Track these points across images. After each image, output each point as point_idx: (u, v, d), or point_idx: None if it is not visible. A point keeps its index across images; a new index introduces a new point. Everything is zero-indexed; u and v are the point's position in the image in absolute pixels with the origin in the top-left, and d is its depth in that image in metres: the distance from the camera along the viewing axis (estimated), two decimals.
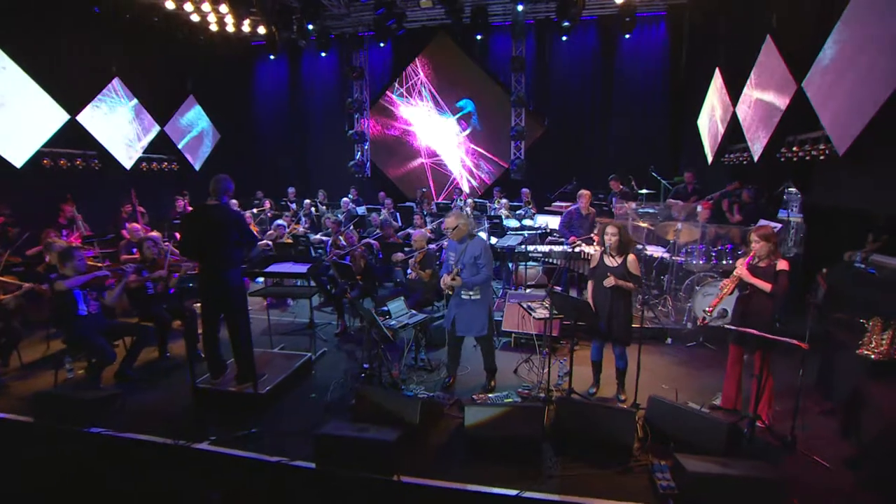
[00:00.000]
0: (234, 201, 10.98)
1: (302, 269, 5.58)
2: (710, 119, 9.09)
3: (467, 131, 12.19)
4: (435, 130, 12.49)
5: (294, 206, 11.30)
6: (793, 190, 6.76)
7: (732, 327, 4.03)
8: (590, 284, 4.72)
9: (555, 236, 7.79)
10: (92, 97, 9.07)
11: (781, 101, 6.62)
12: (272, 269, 5.89)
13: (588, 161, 11.15)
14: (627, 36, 10.32)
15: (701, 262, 6.33)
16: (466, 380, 5.16)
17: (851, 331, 4.49)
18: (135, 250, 6.60)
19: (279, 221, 8.68)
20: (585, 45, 11.21)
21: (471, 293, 4.66)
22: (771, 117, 6.85)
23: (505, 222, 8.64)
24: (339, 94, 12.50)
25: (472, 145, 12.34)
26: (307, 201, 11.11)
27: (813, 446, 3.78)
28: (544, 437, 3.88)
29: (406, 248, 6.85)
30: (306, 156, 13.16)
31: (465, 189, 11.99)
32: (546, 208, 9.45)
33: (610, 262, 4.53)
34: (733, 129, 8.01)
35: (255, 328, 6.36)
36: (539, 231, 8.42)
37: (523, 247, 6.98)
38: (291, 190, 11.68)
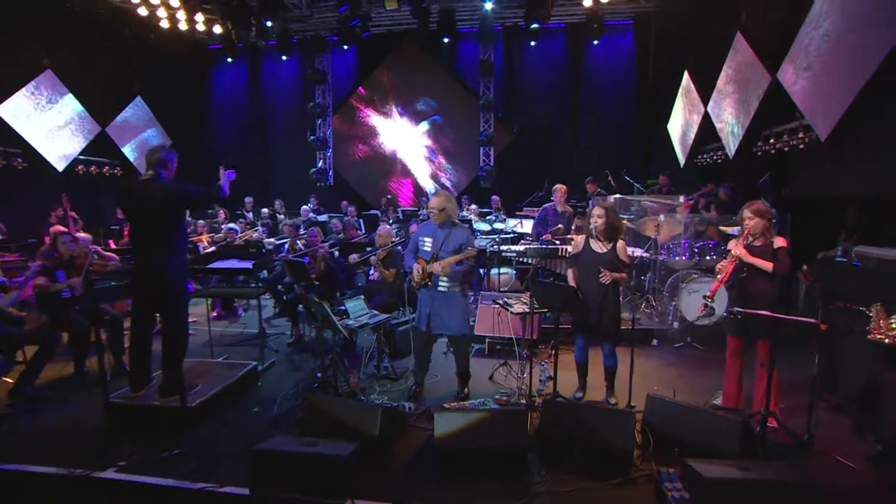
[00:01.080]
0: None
1: (247, 264, 4.88)
2: (681, 122, 8.98)
3: (423, 126, 11.78)
4: (401, 137, 12.05)
5: (251, 215, 10.55)
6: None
7: (738, 309, 3.54)
8: (570, 272, 4.24)
9: (528, 239, 7.35)
10: (16, 89, 8.18)
11: (756, 96, 6.46)
12: (216, 265, 5.16)
13: (559, 167, 10.86)
14: (596, 42, 10.26)
15: (684, 258, 5.98)
16: (436, 388, 4.55)
17: (852, 320, 4.14)
18: (55, 253, 5.75)
19: (231, 225, 7.93)
20: (554, 52, 11.11)
21: (449, 285, 4.11)
22: (745, 113, 6.69)
23: (475, 225, 8.18)
24: (301, 101, 11.94)
25: (440, 153, 11.94)
26: (265, 210, 10.39)
27: (831, 445, 3.34)
28: (529, 447, 3.30)
29: (368, 248, 6.24)
30: (266, 164, 12.43)
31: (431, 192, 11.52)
32: (517, 213, 9.05)
33: (597, 247, 4.07)
34: (706, 130, 7.86)
35: (198, 340, 5.62)
36: (511, 235, 7.97)
37: (495, 247, 6.50)
38: (248, 199, 10.93)
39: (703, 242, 6.06)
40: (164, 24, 9.40)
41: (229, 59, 11.09)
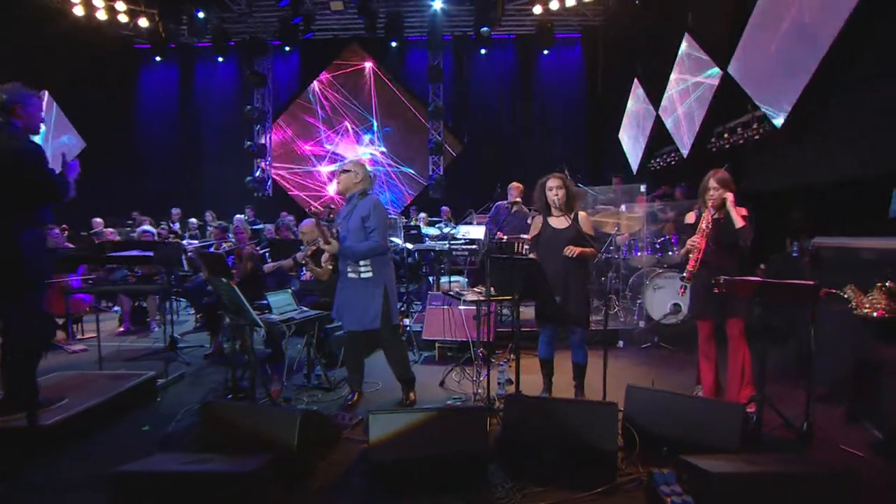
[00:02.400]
0: (98, 219, 9.14)
1: (149, 253, 4.04)
2: (632, 129, 8.94)
3: (370, 135, 11.25)
4: (347, 146, 11.43)
5: (177, 226, 9.52)
6: None
7: (725, 278, 3.04)
8: (531, 258, 3.72)
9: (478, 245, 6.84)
10: None
11: (707, 93, 6.41)
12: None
13: (510, 177, 10.59)
14: (546, 52, 10.23)
15: (646, 253, 5.63)
16: (377, 398, 3.84)
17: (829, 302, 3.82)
18: None
19: (146, 227, 6.93)
20: (504, 62, 11.01)
21: (359, 269, 3.42)
22: (697, 110, 6.62)
23: (424, 230, 7.61)
24: (239, 106, 11.13)
25: (387, 162, 11.40)
26: (193, 220, 9.40)
27: (829, 435, 2.90)
28: (489, 455, 2.64)
29: (301, 247, 5.49)
30: (198, 172, 11.43)
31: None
32: (468, 220, 8.57)
33: (558, 223, 3.58)
34: (658, 133, 7.79)
35: (91, 356, 4.64)
36: (462, 241, 7.43)
37: (445, 244, 5.95)
38: (176, 211, 9.91)
39: (663, 238, 5.77)
40: (79, 10, 8.44)
41: (158, 59, 10.20)
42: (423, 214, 9.04)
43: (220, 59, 10.61)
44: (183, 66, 11.36)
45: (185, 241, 8.17)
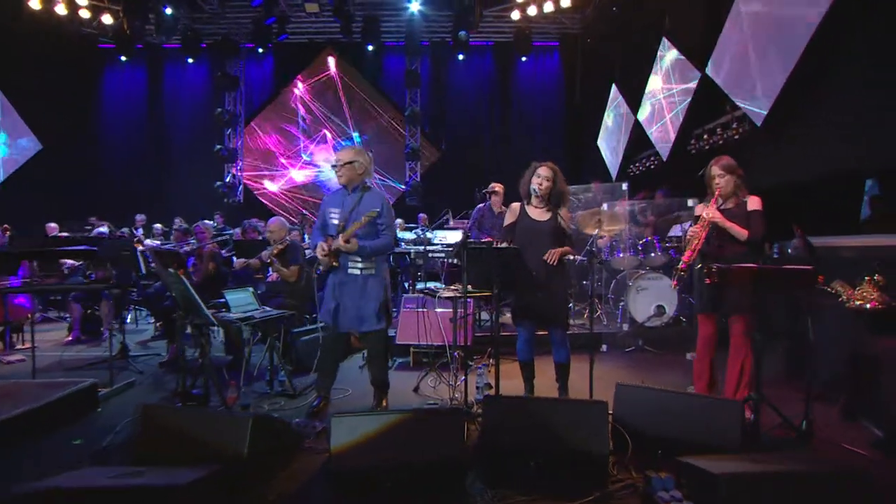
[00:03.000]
0: (52, 224, 8.61)
1: (93, 248, 3.68)
2: (611, 135, 8.91)
3: (346, 142, 10.96)
4: (321, 152, 11.13)
5: (140, 232, 9.02)
6: None
7: (719, 266, 2.84)
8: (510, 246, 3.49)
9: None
10: None
11: (685, 94, 6.38)
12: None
13: (488, 184, 10.47)
14: (524, 59, 10.20)
15: (629, 255, 5.48)
16: (346, 405, 3.55)
17: (819, 298, 3.69)
18: None
19: (101, 230, 6.49)
20: (482, 70, 10.94)
21: (363, 265, 3.20)
22: (676, 113, 6.58)
23: (399, 235, 7.34)
24: (209, 109, 10.73)
25: None
26: (158, 226, 8.94)
27: (828, 434, 2.73)
28: (467, 462, 2.37)
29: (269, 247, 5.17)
30: (165, 177, 10.96)
31: None
32: (444, 219, 8.34)
33: (537, 215, 3.36)
34: (637, 138, 7.75)
35: (28, 366, 4.18)
36: (440, 246, 7.18)
37: (421, 247, 5.70)
38: (140, 217, 9.41)
39: (645, 239, 5.63)
40: (35, 3, 8.01)
41: (123, 59, 9.78)
42: (399, 220, 8.76)
43: (191, 61, 10.25)
44: (151, 68, 10.95)
45: (145, 242, 7.75)
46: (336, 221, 3.25)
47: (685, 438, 2.35)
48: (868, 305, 3.07)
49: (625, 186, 5.84)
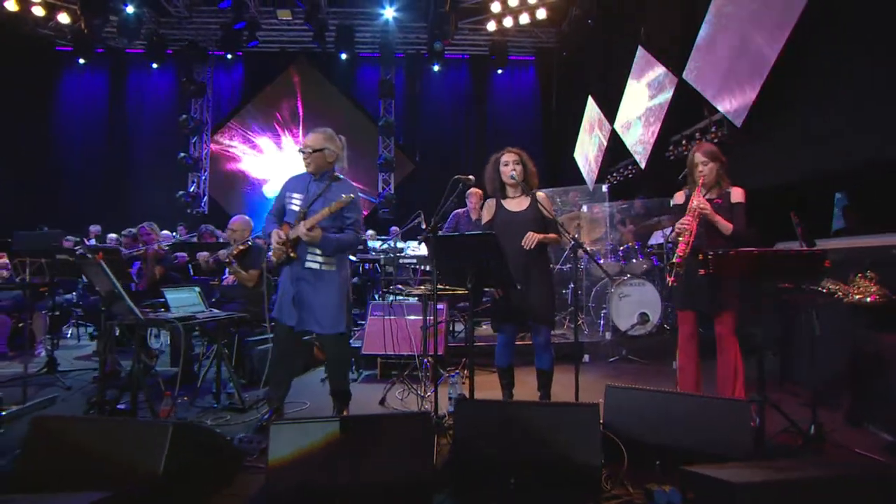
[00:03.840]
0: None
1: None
2: (587, 147, 8.82)
3: None
4: (291, 163, 10.74)
5: (93, 242, 8.42)
6: None
7: (713, 252, 2.56)
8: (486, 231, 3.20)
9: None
10: None
11: (662, 101, 6.31)
12: None
13: (463, 199, 10.24)
14: (500, 71, 10.15)
15: (609, 261, 5.25)
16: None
17: (809, 297, 3.48)
18: None
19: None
20: (458, 82, 10.84)
21: (322, 260, 2.85)
22: (654, 120, 6.49)
23: (370, 243, 7.00)
24: (174, 117, 10.25)
25: None
26: (112, 236, 8.36)
27: (837, 439, 2.47)
28: (434, 481, 2.00)
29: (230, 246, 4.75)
30: (125, 186, 10.38)
31: None
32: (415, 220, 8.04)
33: (514, 205, 3.11)
34: (614, 148, 7.65)
35: None
36: (412, 259, 6.84)
37: (391, 255, 5.36)
38: (95, 228, 8.82)
39: (626, 246, 5.42)
40: None
41: (82, 61, 9.30)
42: (370, 231, 8.44)
43: (155, 66, 9.82)
44: (113, 73, 10.46)
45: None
46: (297, 208, 2.92)
47: (687, 446, 2.04)
48: (868, 299, 2.86)
49: (605, 188, 5.64)
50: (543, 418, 2.07)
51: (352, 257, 5.99)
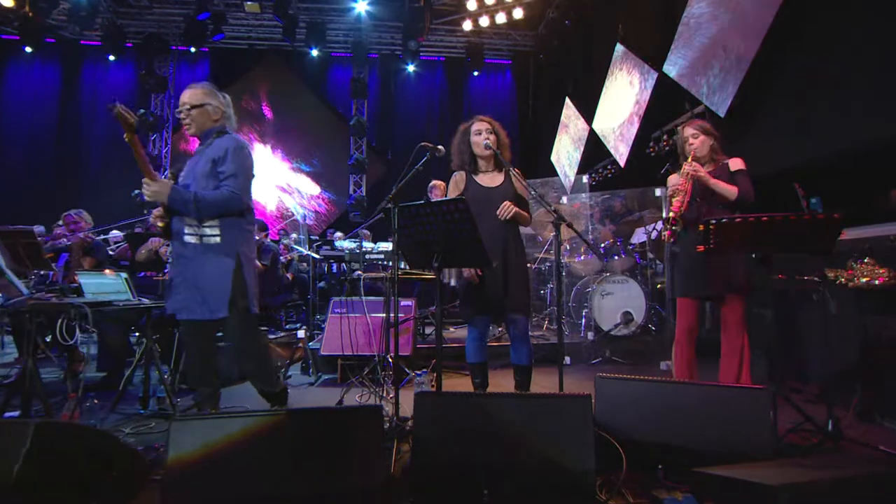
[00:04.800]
0: None
1: None
2: (565, 149, 8.62)
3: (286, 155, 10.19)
4: (261, 165, 10.26)
5: None
6: None
7: (716, 220, 2.28)
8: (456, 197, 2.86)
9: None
10: None
11: (642, 97, 6.13)
12: None
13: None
14: (476, 73, 9.95)
15: (589, 258, 4.95)
16: None
17: (807, 288, 3.22)
18: None
19: None
20: (433, 85, 10.58)
21: (202, 230, 2.35)
22: (633, 117, 6.31)
23: (337, 244, 6.55)
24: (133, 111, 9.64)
25: (305, 181, 10.33)
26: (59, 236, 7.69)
27: (853, 436, 2.16)
28: (389, 494, 1.59)
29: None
30: (75, 185, 9.69)
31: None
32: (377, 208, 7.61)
33: (487, 180, 2.80)
34: (593, 148, 7.45)
35: None
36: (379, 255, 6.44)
37: (356, 251, 4.93)
38: (38, 228, 8.08)
39: (607, 242, 5.15)
40: None
41: (29, 50, 8.67)
42: (339, 234, 8.02)
43: (112, 58, 9.25)
44: (66, 65, 9.83)
45: None
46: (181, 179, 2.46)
47: (696, 444, 1.69)
48: (877, 281, 2.59)
49: (585, 179, 5.36)
50: (523, 413, 1.69)
51: (315, 255, 5.55)
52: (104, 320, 3.27)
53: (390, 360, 3.02)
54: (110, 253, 5.06)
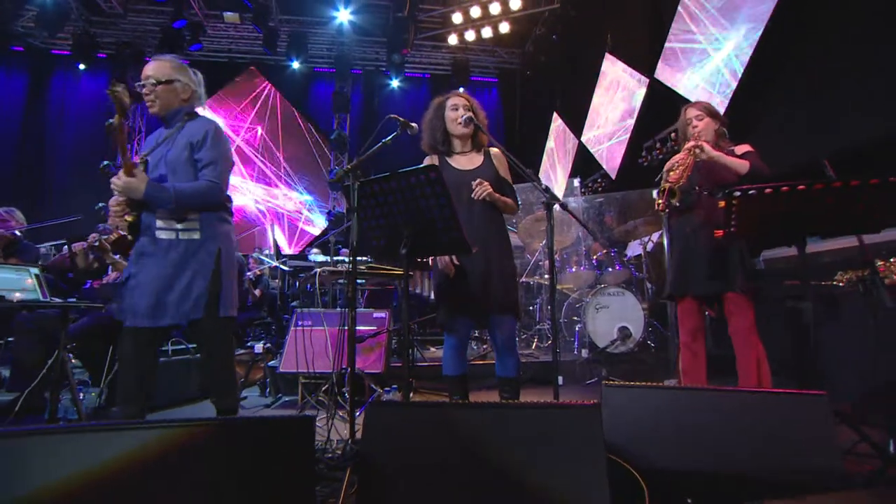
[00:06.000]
0: None
1: None
2: (553, 165, 8.37)
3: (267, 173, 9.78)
4: (237, 181, 9.84)
5: None
6: None
7: (726, 192, 1.92)
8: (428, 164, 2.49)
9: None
10: None
11: (632, 106, 5.91)
12: None
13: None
14: (462, 90, 9.76)
15: (581, 270, 4.57)
16: None
17: (827, 294, 2.85)
18: None
19: None
20: (418, 101, 10.33)
21: (179, 226, 2.03)
22: (624, 128, 6.07)
23: (312, 257, 6.14)
24: (103, 126, 9.22)
25: (283, 198, 9.92)
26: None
27: None
28: None
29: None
30: (38, 195, 9.15)
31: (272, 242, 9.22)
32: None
33: (462, 162, 2.44)
34: (583, 162, 7.20)
35: None
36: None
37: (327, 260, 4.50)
38: None
39: (599, 254, 4.78)
40: None
41: None
42: (316, 250, 7.58)
43: (83, 67, 8.87)
44: (34, 74, 9.42)
45: None
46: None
47: (739, 471, 1.25)
48: None
49: (577, 182, 5.03)
50: (511, 431, 1.25)
51: (283, 267, 5.10)
52: (18, 328, 2.80)
53: (360, 374, 2.56)
54: (49, 260, 4.54)
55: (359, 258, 3.45)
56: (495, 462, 1.27)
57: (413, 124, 2.41)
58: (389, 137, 2.33)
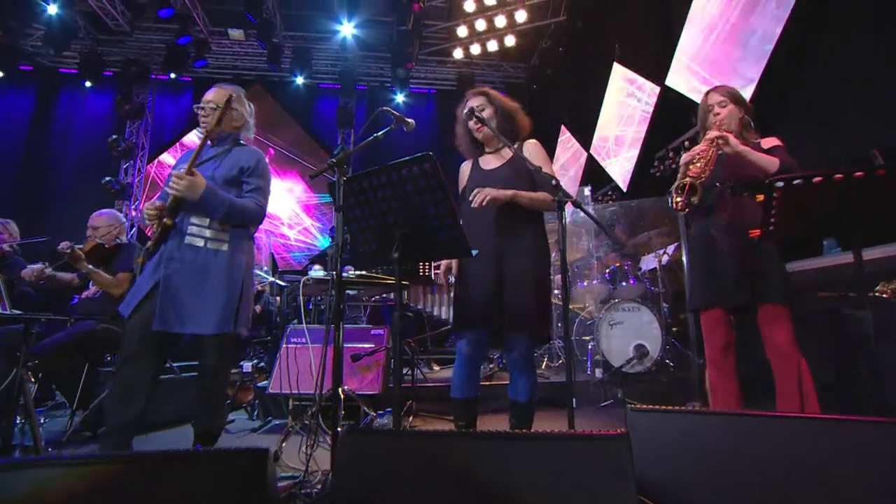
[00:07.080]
0: None
1: None
2: (561, 178, 8.17)
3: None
4: None
5: None
6: None
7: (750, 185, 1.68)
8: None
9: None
10: None
11: (643, 116, 5.72)
12: None
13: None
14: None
15: (594, 284, 4.31)
16: None
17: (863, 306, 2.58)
18: None
19: None
20: (423, 117, 10.24)
21: (210, 234, 2.05)
22: (634, 138, 5.87)
23: (313, 273, 5.91)
24: (107, 140, 9.17)
25: (288, 220, 9.79)
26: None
27: None
28: None
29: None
30: (43, 217, 9.05)
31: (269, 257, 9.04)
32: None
33: (489, 162, 2.25)
34: (592, 175, 6.99)
35: None
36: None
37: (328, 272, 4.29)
38: None
39: (612, 267, 4.53)
40: None
41: (0, 74, 8.30)
42: (317, 266, 7.37)
43: (89, 84, 8.88)
44: (41, 93, 9.45)
45: None
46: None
47: None
48: None
49: (587, 190, 4.80)
50: (522, 466, 0.99)
51: (280, 282, 4.89)
52: None
53: (352, 395, 2.32)
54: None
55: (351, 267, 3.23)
56: (504, 501, 1.01)
57: (409, 120, 2.21)
58: (382, 132, 2.13)
